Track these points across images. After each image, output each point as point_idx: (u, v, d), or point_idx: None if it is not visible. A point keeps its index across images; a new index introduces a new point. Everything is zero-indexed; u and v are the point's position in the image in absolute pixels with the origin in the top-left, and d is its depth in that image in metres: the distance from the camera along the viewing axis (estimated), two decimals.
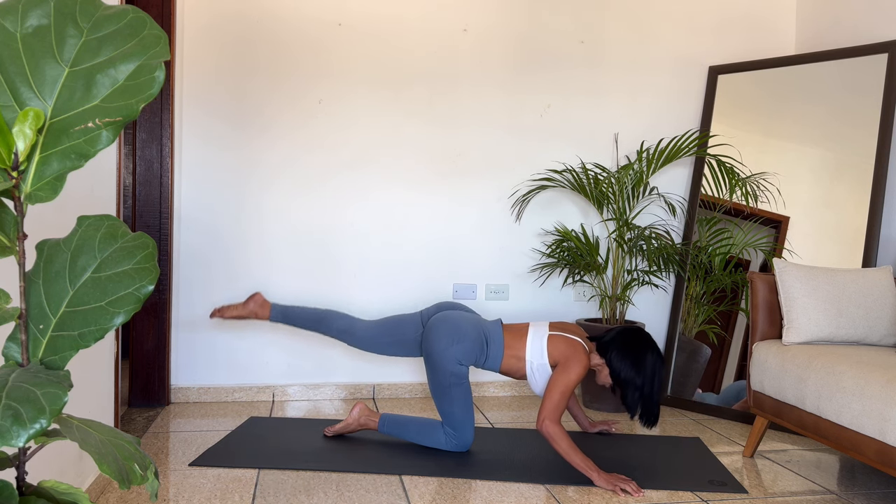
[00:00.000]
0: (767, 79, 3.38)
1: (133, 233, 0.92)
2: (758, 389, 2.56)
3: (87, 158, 0.85)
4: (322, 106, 3.31)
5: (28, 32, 0.85)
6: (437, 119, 3.41)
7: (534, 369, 2.45)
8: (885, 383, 1.98)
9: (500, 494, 2.20)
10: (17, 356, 0.87)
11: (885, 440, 1.95)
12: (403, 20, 3.37)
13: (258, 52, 3.24)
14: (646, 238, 3.21)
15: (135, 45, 0.86)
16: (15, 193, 0.84)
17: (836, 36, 3.43)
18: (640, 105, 3.59)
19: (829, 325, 2.45)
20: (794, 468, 2.50)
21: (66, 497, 0.87)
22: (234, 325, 3.26)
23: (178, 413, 3.03)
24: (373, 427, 2.64)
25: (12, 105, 0.84)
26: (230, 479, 2.28)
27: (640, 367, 2.35)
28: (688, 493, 2.23)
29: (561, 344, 2.43)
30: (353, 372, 3.38)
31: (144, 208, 3.07)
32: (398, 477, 2.33)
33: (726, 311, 3.28)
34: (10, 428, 0.71)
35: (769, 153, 3.31)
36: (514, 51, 3.46)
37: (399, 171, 3.39)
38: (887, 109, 2.98)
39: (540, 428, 2.30)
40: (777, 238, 3.19)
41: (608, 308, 3.30)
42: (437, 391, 2.48)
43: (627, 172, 3.24)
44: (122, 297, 0.88)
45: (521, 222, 3.51)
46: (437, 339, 2.46)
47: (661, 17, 3.60)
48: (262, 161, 3.27)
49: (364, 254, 3.37)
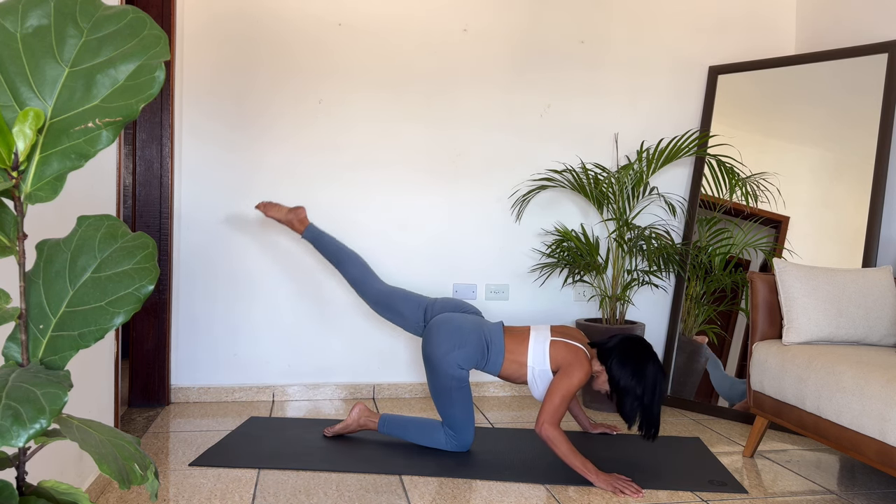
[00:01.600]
0: (767, 79, 3.38)
1: (133, 233, 0.92)
2: (758, 389, 2.56)
3: (87, 158, 0.85)
4: (322, 106, 3.31)
5: (28, 32, 0.85)
6: (437, 119, 3.41)
7: (535, 375, 2.45)
8: (885, 383, 1.98)
9: (500, 494, 2.20)
10: (17, 356, 0.87)
11: (885, 440, 1.95)
12: (403, 20, 3.36)
13: (258, 52, 3.24)
14: (646, 238, 3.21)
15: (135, 45, 0.86)
16: (15, 193, 0.84)
17: (836, 36, 3.43)
18: (640, 105, 3.59)
19: (829, 325, 2.45)
20: (794, 468, 2.50)
21: (66, 497, 0.87)
22: (235, 325, 3.26)
23: (178, 413, 3.03)
24: (373, 427, 2.64)
25: (12, 105, 0.84)
26: (230, 479, 2.28)
27: (641, 377, 2.34)
28: (688, 493, 2.23)
29: (563, 350, 2.42)
30: (353, 372, 3.38)
31: (144, 208, 3.07)
32: (398, 477, 2.33)
33: (726, 311, 3.28)
34: (10, 428, 0.71)
35: (769, 153, 3.31)
36: (514, 51, 3.46)
37: (399, 171, 3.39)
38: (887, 109, 2.98)
39: (539, 431, 2.30)
40: (777, 238, 3.19)
41: (608, 308, 3.30)
42: (437, 393, 2.48)
43: (627, 172, 3.24)
44: (122, 297, 0.88)
45: (521, 222, 3.51)
46: (439, 344, 2.46)
47: (661, 18, 3.60)
48: (262, 161, 3.27)
49: (364, 254, 3.37)
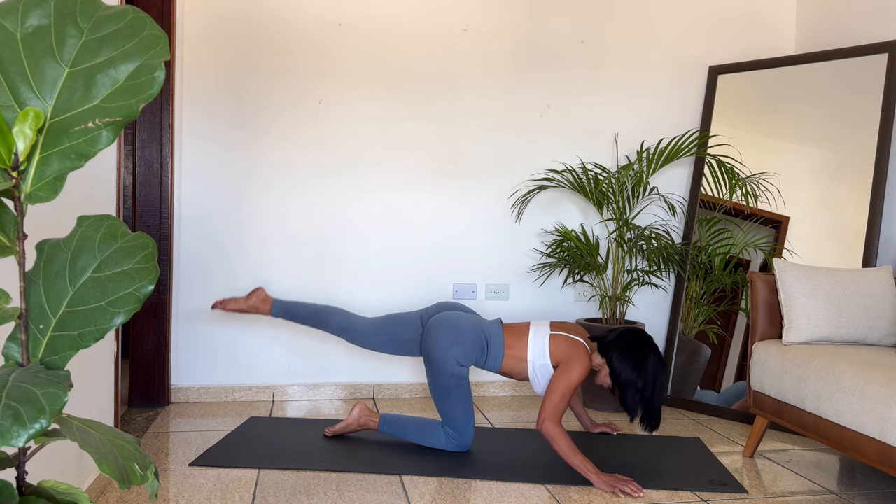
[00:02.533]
0: (767, 79, 3.38)
1: (133, 233, 0.92)
2: (758, 389, 2.55)
3: (87, 158, 0.85)
4: (322, 106, 3.31)
5: (28, 32, 0.85)
6: (437, 119, 3.41)
7: (536, 370, 2.45)
8: (885, 383, 1.98)
9: (500, 494, 2.20)
10: (17, 356, 0.87)
11: (885, 440, 1.95)
12: (403, 20, 3.36)
13: (258, 52, 3.24)
14: (646, 238, 3.21)
15: (135, 45, 0.86)
16: (15, 193, 0.84)
17: (836, 36, 3.43)
18: (640, 105, 3.59)
19: (829, 325, 2.45)
20: (794, 468, 2.50)
21: (66, 497, 0.87)
22: (235, 325, 3.26)
23: (178, 413, 3.03)
24: (373, 427, 2.64)
25: (12, 105, 0.84)
26: (230, 479, 2.28)
27: (642, 370, 2.35)
28: (688, 493, 2.23)
29: (563, 344, 2.43)
30: (353, 372, 3.38)
31: (144, 208, 3.07)
32: (398, 477, 2.33)
33: (726, 311, 3.28)
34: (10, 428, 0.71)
35: (769, 153, 3.31)
36: (515, 51, 3.46)
37: (399, 171, 3.39)
38: (887, 109, 2.98)
39: (540, 428, 2.30)
40: (777, 238, 3.19)
41: (608, 308, 3.30)
42: (437, 392, 2.48)
43: (627, 172, 3.24)
44: (122, 297, 0.88)
45: (521, 222, 3.51)
46: (438, 341, 2.46)
47: (661, 18, 3.60)
48: (262, 161, 3.27)
49: (364, 254, 3.37)
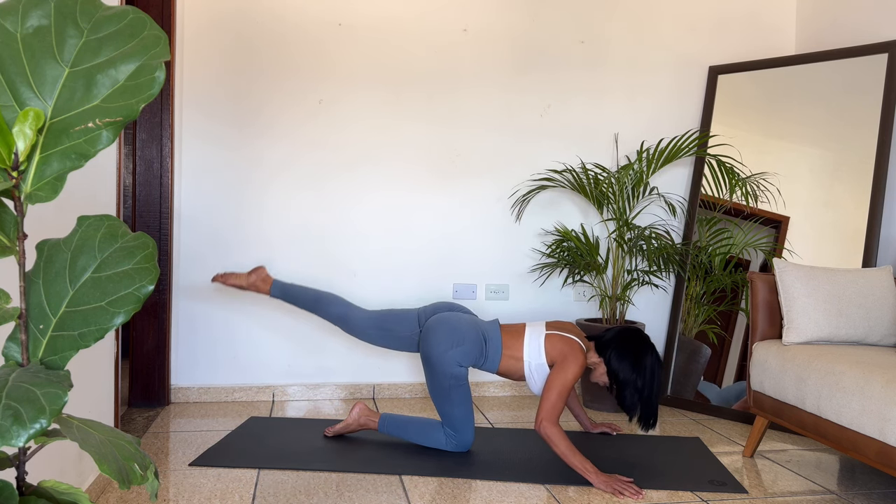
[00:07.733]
0: (767, 79, 3.38)
1: (133, 233, 0.92)
2: (758, 389, 2.55)
3: (87, 158, 0.85)
4: (322, 106, 3.31)
5: (28, 33, 0.85)
6: (437, 119, 3.41)
7: (532, 369, 2.45)
8: (885, 383, 1.98)
9: (500, 494, 2.20)
10: (17, 356, 0.87)
11: (885, 440, 1.95)
12: (403, 20, 3.36)
13: (258, 52, 3.24)
14: (646, 238, 3.21)
15: (135, 45, 0.86)
16: (15, 193, 0.84)
17: (836, 36, 3.43)
18: (640, 105, 3.59)
19: (829, 325, 2.45)
20: (794, 468, 2.50)
21: (66, 497, 0.87)
22: (235, 325, 3.26)
23: (178, 413, 3.03)
24: (373, 427, 2.64)
25: (12, 105, 0.84)
26: (230, 479, 2.28)
27: (640, 368, 2.36)
28: (688, 493, 2.23)
29: (558, 343, 2.43)
30: (353, 372, 3.38)
31: (144, 208, 3.07)
32: (398, 477, 2.33)
33: (726, 311, 3.28)
34: (10, 428, 0.71)
35: (769, 153, 3.31)
36: (514, 51, 3.46)
37: (399, 171, 3.39)
38: (887, 109, 2.98)
39: (538, 429, 2.30)
40: (777, 238, 3.19)
41: (608, 308, 3.30)
42: (436, 393, 2.48)
43: (627, 172, 3.24)
44: (122, 297, 0.88)
45: (521, 222, 3.51)
46: (437, 343, 2.45)
47: (661, 17, 3.60)
48: (262, 161, 3.27)
49: (364, 254, 3.37)
